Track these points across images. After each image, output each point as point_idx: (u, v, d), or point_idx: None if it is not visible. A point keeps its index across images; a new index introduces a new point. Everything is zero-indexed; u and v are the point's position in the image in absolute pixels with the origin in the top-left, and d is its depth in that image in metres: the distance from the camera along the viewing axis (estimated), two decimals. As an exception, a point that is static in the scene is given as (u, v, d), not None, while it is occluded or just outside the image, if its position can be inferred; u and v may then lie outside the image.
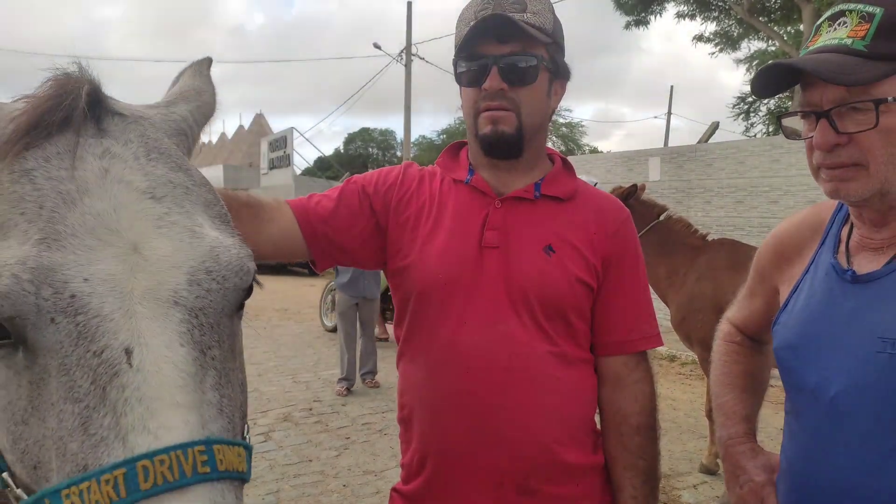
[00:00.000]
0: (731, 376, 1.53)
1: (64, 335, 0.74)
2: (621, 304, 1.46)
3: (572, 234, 1.43)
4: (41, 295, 0.74)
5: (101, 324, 0.74)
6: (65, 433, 0.72)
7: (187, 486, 0.69)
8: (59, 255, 0.76)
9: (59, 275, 0.75)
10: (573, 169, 1.55)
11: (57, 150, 0.83)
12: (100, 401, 0.71)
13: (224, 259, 0.85)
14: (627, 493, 1.43)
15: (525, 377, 1.36)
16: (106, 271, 0.77)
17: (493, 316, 1.38)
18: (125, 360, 0.73)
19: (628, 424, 1.44)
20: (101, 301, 0.75)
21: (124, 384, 0.72)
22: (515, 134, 1.39)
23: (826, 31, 1.15)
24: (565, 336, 1.41)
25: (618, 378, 1.46)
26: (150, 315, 0.76)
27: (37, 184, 0.80)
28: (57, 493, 0.69)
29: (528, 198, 1.45)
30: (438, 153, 1.64)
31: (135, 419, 0.70)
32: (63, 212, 0.78)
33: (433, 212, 1.48)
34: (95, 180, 0.81)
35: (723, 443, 1.45)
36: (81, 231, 0.78)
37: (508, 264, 1.40)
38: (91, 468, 0.69)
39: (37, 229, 0.77)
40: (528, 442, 1.35)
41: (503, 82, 1.36)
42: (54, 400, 0.73)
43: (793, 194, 8.59)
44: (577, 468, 1.40)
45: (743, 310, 1.58)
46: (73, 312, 0.74)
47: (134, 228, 0.80)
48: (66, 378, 0.73)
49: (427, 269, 1.42)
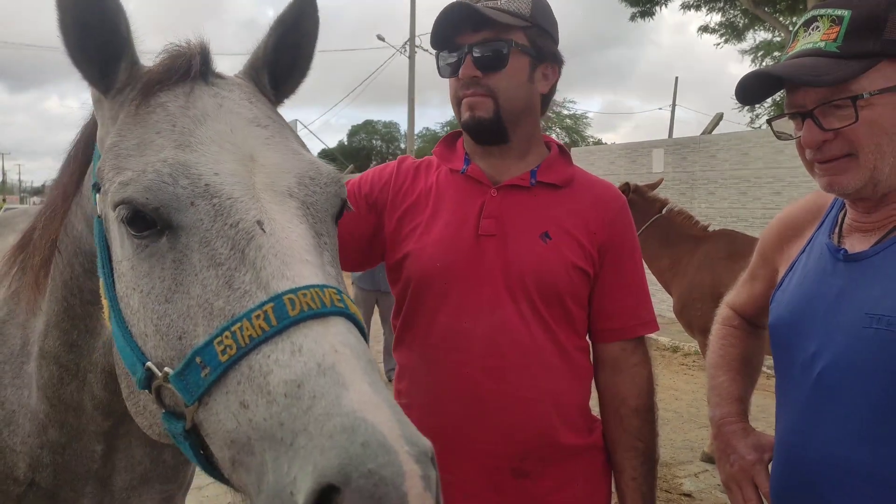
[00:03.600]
0: (727, 359, 1.57)
1: (203, 214, 0.87)
2: (619, 291, 1.49)
3: (569, 221, 1.46)
4: (179, 184, 0.88)
5: (234, 204, 0.87)
6: (210, 295, 0.83)
7: (327, 315, 0.80)
8: (192, 155, 0.91)
9: (193, 170, 0.89)
10: (570, 156, 1.58)
11: (182, 90, 1.00)
12: (240, 261, 0.83)
13: (324, 171, 1.02)
14: (627, 475, 1.46)
15: (522, 363, 1.40)
16: (231, 169, 0.91)
17: (490, 303, 1.42)
18: (259, 228, 0.86)
19: (627, 407, 1.47)
20: (232, 188, 0.89)
21: (260, 244, 0.84)
22: (493, 118, 1.42)
23: (802, 37, 1.23)
24: (563, 323, 1.44)
25: (616, 363, 1.49)
26: (271, 200, 0.90)
27: (169, 111, 0.97)
28: (208, 344, 0.79)
29: (524, 185, 1.48)
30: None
31: (273, 269, 0.82)
32: (191, 128, 0.95)
33: (430, 202, 1.51)
34: (213, 110, 0.98)
35: (715, 422, 1.49)
36: (208, 142, 0.93)
37: (505, 252, 1.43)
38: (239, 314, 0.79)
39: (170, 140, 0.93)
40: (523, 427, 1.39)
41: (476, 69, 1.40)
42: (198, 269, 0.85)
43: (796, 185, 8.58)
44: (572, 449, 1.44)
45: (742, 293, 1.62)
46: (209, 196, 0.88)
47: (248, 144, 0.96)
48: (207, 248, 0.85)
49: (424, 258, 1.46)
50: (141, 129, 0.95)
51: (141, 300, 0.89)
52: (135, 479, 1.54)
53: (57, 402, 1.36)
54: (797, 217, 1.44)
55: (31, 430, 1.40)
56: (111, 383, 1.30)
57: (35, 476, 1.42)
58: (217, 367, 0.77)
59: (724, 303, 1.70)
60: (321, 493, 0.65)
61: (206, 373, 0.78)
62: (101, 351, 1.28)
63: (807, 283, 1.29)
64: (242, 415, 0.74)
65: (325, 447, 0.66)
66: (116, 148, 0.96)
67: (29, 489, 1.43)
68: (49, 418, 1.38)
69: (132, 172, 0.90)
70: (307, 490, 0.65)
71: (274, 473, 0.71)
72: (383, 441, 0.66)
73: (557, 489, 1.43)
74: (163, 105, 0.97)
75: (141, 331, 0.89)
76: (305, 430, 0.68)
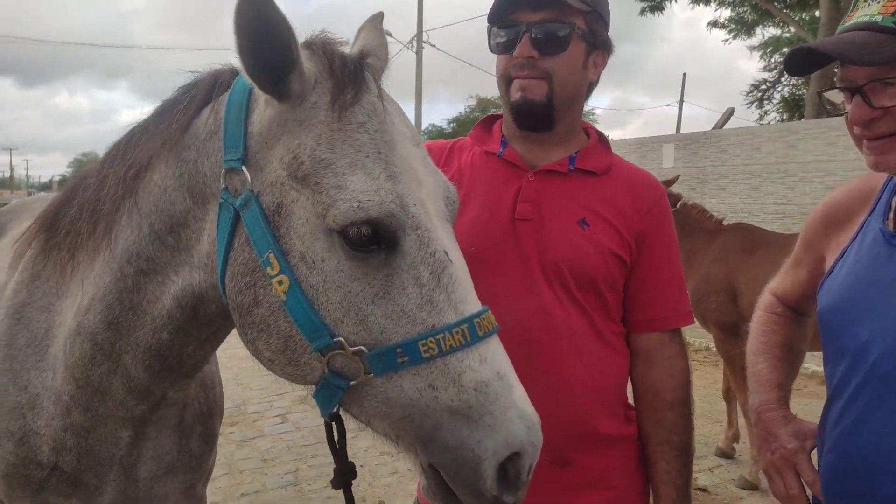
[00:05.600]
0: (768, 345, 1.53)
1: (412, 242, 1.05)
2: (655, 281, 1.46)
3: (606, 208, 1.43)
4: (401, 216, 1.04)
5: (430, 235, 1.06)
6: (413, 307, 1.03)
7: (494, 334, 1.06)
8: (399, 187, 1.06)
9: (404, 201, 1.05)
10: (608, 144, 1.54)
11: (369, 107, 1.11)
12: (436, 284, 1.04)
13: (452, 189, 1.20)
14: (661, 468, 1.43)
15: (559, 347, 1.37)
16: (419, 199, 1.08)
17: (526, 288, 1.39)
18: (447, 258, 1.06)
19: (662, 400, 1.44)
20: (425, 219, 1.07)
21: (451, 273, 1.06)
22: (546, 103, 1.39)
23: (862, 7, 1.17)
24: (598, 309, 1.41)
25: (651, 354, 1.46)
26: (441, 228, 1.10)
27: (370, 133, 1.09)
28: (413, 343, 1.01)
29: (562, 171, 1.45)
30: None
31: (460, 295, 1.05)
32: (390, 156, 1.08)
33: (464, 184, 1.48)
34: (393, 131, 1.12)
35: (755, 409, 1.46)
36: (402, 170, 1.08)
37: (541, 237, 1.40)
38: (439, 327, 1.01)
39: (380, 167, 1.06)
40: (561, 413, 1.36)
41: (534, 50, 1.36)
42: (405, 286, 1.04)
43: (809, 181, 8.51)
44: (609, 438, 1.41)
45: (786, 280, 1.58)
46: (415, 227, 1.06)
47: (417, 168, 1.12)
48: (414, 271, 1.04)
49: (459, 240, 1.43)
50: (351, 150, 1.07)
51: (345, 296, 1.04)
52: (160, 470, 1.52)
53: (84, 384, 1.34)
54: (843, 203, 1.40)
55: (55, 412, 1.39)
56: (155, 363, 1.30)
57: (58, 460, 1.41)
58: (416, 359, 1.00)
59: (766, 290, 1.67)
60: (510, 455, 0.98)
61: (403, 360, 1.01)
62: (148, 328, 1.27)
63: (859, 269, 1.25)
64: (428, 392, 1.00)
65: (510, 429, 0.98)
66: (332, 165, 1.06)
67: (52, 473, 1.41)
68: (74, 400, 1.37)
69: (367, 197, 1.03)
70: (500, 453, 0.98)
71: (452, 433, 0.99)
72: (535, 424, 1.01)
73: (595, 479, 1.41)
74: (363, 126, 1.09)
75: (336, 318, 1.04)
76: (491, 414, 0.98)
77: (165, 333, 1.26)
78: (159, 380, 1.33)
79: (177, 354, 1.30)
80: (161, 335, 1.27)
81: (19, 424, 1.41)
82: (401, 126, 1.14)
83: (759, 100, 24.77)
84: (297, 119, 1.10)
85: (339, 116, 1.08)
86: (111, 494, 1.46)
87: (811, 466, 1.33)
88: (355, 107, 1.09)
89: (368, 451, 4.90)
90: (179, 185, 1.22)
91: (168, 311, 1.25)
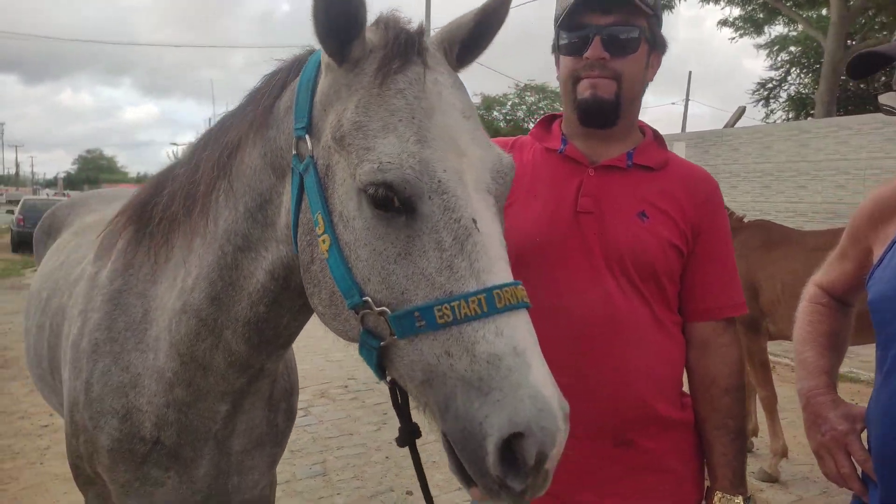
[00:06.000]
0: (814, 334, 1.60)
1: (436, 207, 1.05)
2: (711, 272, 1.53)
3: (664, 201, 1.51)
4: (423, 180, 1.05)
5: (457, 201, 1.05)
6: (433, 270, 1.03)
7: (519, 309, 1.03)
8: (429, 152, 1.06)
9: (431, 166, 1.06)
10: (664, 141, 1.62)
11: (414, 76, 1.13)
12: (459, 251, 1.03)
13: (505, 161, 1.18)
14: (718, 451, 1.50)
15: (622, 336, 1.45)
16: (453, 166, 1.08)
17: (591, 278, 1.46)
18: (475, 226, 1.05)
19: (717, 387, 1.51)
20: (455, 186, 1.06)
21: (476, 241, 1.04)
22: (614, 100, 1.47)
23: None
24: (658, 298, 1.49)
25: (706, 343, 1.53)
26: (478, 199, 1.08)
27: (407, 99, 1.11)
28: (429, 308, 1.01)
29: (621, 166, 1.53)
30: None
31: (484, 264, 1.03)
32: (426, 122, 1.09)
33: (525, 180, 1.55)
34: (436, 100, 1.13)
35: (804, 394, 1.52)
36: (437, 137, 1.09)
37: (603, 228, 1.48)
38: (456, 294, 1.01)
39: (411, 132, 1.07)
40: (625, 396, 1.44)
41: (605, 52, 1.44)
42: (426, 249, 1.04)
43: (821, 179, 8.58)
44: (667, 422, 1.49)
45: (832, 272, 1.65)
46: (441, 192, 1.05)
47: (461, 138, 1.12)
48: (435, 235, 1.04)
49: (523, 233, 1.50)
50: (385, 113, 1.10)
51: (371, 255, 1.08)
52: (250, 443, 1.61)
53: (188, 360, 1.44)
54: (892, 198, 1.48)
55: (157, 389, 1.48)
56: (253, 336, 1.39)
57: (160, 435, 1.50)
58: (432, 325, 1.01)
59: (810, 282, 1.74)
60: (511, 435, 0.93)
61: (421, 324, 1.02)
62: (246, 303, 1.36)
63: None
64: (445, 359, 1.00)
65: (518, 407, 0.93)
66: (364, 127, 1.10)
67: (154, 448, 1.51)
68: (177, 376, 1.46)
69: (388, 159, 1.05)
70: (503, 431, 0.94)
71: (464, 404, 0.98)
72: (551, 409, 0.95)
73: (655, 462, 1.48)
74: (402, 92, 1.11)
75: (364, 275, 1.09)
76: (500, 389, 0.95)
77: (262, 307, 1.35)
78: (258, 352, 1.42)
79: (273, 326, 1.38)
80: (258, 308, 1.35)
81: (122, 402, 1.50)
82: (450, 97, 1.16)
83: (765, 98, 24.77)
84: (347, 84, 1.16)
85: (381, 83, 1.12)
86: (205, 467, 1.55)
87: (862, 446, 1.39)
88: (398, 75, 1.13)
89: (393, 443, 5.00)
90: (265, 163, 1.31)
91: (263, 285, 1.33)
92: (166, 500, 1.55)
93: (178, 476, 1.54)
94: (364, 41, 1.16)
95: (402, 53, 1.14)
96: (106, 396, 1.51)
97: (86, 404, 1.53)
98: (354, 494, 4.19)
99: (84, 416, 1.54)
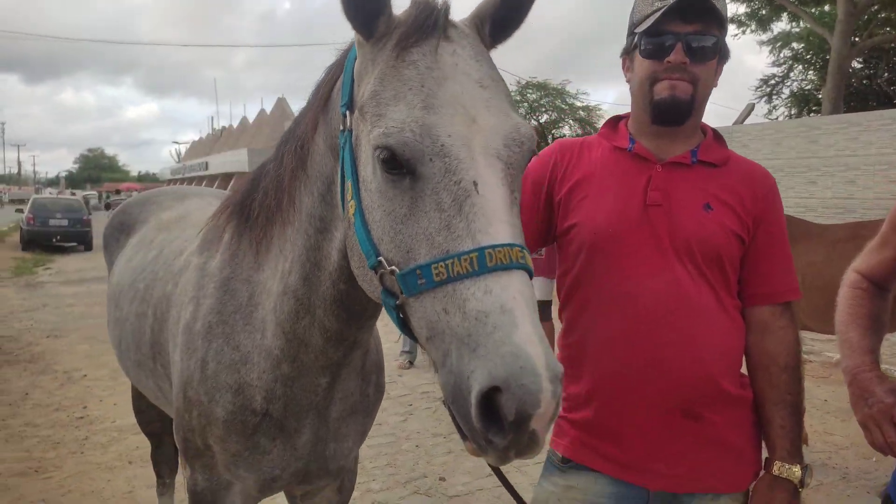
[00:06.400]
0: (856, 317, 1.73)
1: (437, 169, 1.09)
2: (770, 259, 1.65)
3: (726, 194, 1.63)
4: (424, 143, 1.10)
5: (459, 164, 1.09)
6: (433, 230, 1.08)
7: (512, 269, 1.04)
8: (434, 117, 1.11)
9: (434, 131, 1.10)
10: (724, 140, 1.75)
11: (428, 48, 1.19)
12: (457, 211, 1.07)
13: (523, 131, 1.20)
14: (776, 424, 1.62)
15: (689, 317, 1.57)
16: (459, 132, 1.11)
17: (660, 265, 1.59)
18: (474, 189, 1.08)
19: (776, 365, 1.63)
20: (458, 150, 1.10)
21: (474, 202, 1.07)
22: (689, 101, 1.60)
23: None
24: (721, 283, 1.61)
25: (765, 325, 1.65)
26: (484, 163, 1.11)
27: (419, 70, 1.16)
28: (428, 266, 1.06)
29: (686, 163, 1.66)
30: None
31: (480, 225, 1.06)
32: (435, 90, 1.14)
33: (596, 176, 1.69)
34: (451, 70, 1.17)
35: (849, 371, 1.63)
36: (445, 104, 1.13)
37: (671, 219, 1.60)
38: (451, 252, 1.05)
39: (419, 100, 1.13)
40: (693, 372, 1.56)
41: (686, 57, 1.57)
42: (427, 209, 1.09)
43: (831, 174, 8.68)
44: (732, 398, 1.61)
45: (872, 259, 1.78)
46: (443, 155, 1.09)
47: (473, 105, 1.15)
48: (436, 196, 1.09)
49: (596, 225, 1.63)
50: (398, 83, 1.16)
51: (383, 216, 1.15)
52: (345, 410, 1.75)
53: (292, 337, 1.56)
54: None
55: (266, 366, 1.61)
56: (342, 313, 1.51)
57: (269, 407, 1.63)
58: (430, 282, 1.06)
59: (850, 269, 1.85)
60: (490, 389, 0.96)
61: (422, 282, 1.07)
62: (329, 283, 1.48)
63: None
64: (443, 316, 1.05)
65: (497, 363, 0.96)
66: (378, 95, 1.17)
67: (263, 419, 1.64)
68: (283, 353, 1.59)
69: (393, 124, 1.11)
70: (482, 384, 0.96)
71: (457, 359, 1.01)
72: (534, 367, 0.95)
73: (719, 433, 1.60)
74: (414, 63, 1.17)
75: (378, 236, 1.16)
76: (485, 345, 0.98)
77: (342, 284, 1.44)
78: (348, 326, 1.54)
79: (358, 301, 1.46)
80: (339, 286, 1.46)
81: (235, 378, 1.64)
82: (466, 68, 1.19)
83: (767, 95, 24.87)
84: (373, 59, 1.23)
85: (397, 55, 1.18)
86: (307, 435, 1.69)
87: None
88: (413, 48, 1.17)
89: (421, 433, 5.14)
90: (326, 147, 1.43)
91: (338, 264, 1.42)
92: (272, 466, 1.69)
93: (283, 444, 1.67)
94: (390, 17, 1.23)
95: (419, 28, 1.19)
96: (220, 373, 1.64)
97: (201, 381, 1.67)
98: (389, 480, 4.33)
99: (199, 391, 1.68)
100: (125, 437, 4.99)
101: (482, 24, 1.31)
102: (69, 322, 9.35)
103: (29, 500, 3.98)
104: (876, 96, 20.84)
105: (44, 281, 13.88)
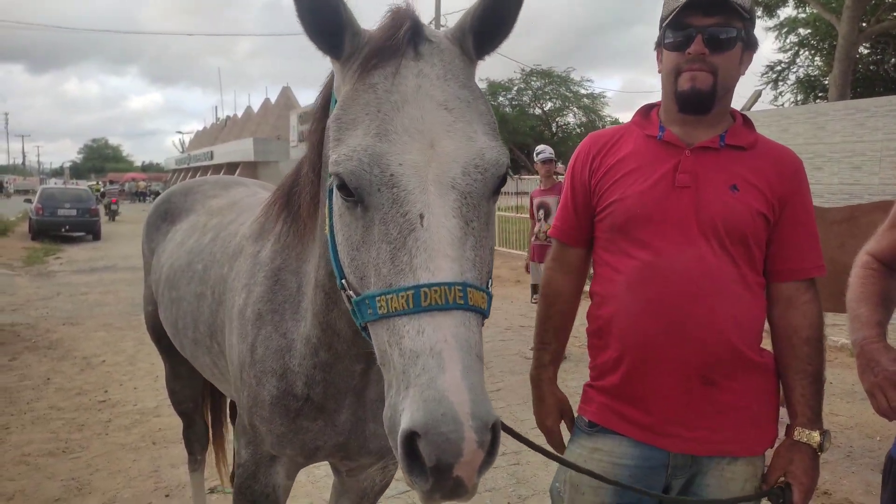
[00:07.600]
0: (866, 294, 1.82)
1: (385, 199, 1.08)
2: (796, 237, 1.74)
3: (753, 176, 1.72)
4: (373, 173, 1.08)
5: (407, 196, 1.07)
6: (381, 261, 1.08)
7: (448, 310, 1.02)
8: (386, 146, 1.09)
9: (384, 160, 1.08)
10: (752, 124, 1.84)
11: (391, 70, 1.15)
12: (402, 244, 1.05)
13: (488, 156, 1.15)
14: (798, 392, 1.72)
15: (712, 290, 1.67)
16: (412, 160, 1.09)
17: (686, 242, 1.68)
18: (419, 222, 1.06)
19: (799, 337, 1.72)
20: (408, 180, 1.08)
21: (417, 237, 1.05)
22: (710, 91, 1.68)
23: None
24: (745, 260, 1.71)
25: (790, 300, 1.74)
26: (436, 193, 1.08)
27: (377, 93, 1.14)
28: (374, 297, 1.07)
29: (714, 147, 1.74)
30: None
31: (421, 261, 1.04)
32: (391, 115, 1.11)
33: (629, 162, 1.79)
34: (412, 94, 1.14)
35: (858, 343, 1.72)
36: (401, 130, 1.10)
37: (699, 200, 1.70)
38: (394, 286, 1.04)
39: (374, 126, 1.11)
40: (713, 340, 1.66)
41: (705, 48, 1.65)
42: (376, 239, 1.09)
43: (837, 161, 8.73)
44: (751, 365, 1.70)
45: (882, 241, 1.86)
46: (391, 185, 1.08)
47: (433, 131, 1.11)
48: (384, 227, 1.08)
49: (629, 205, 1.73)
50: (356, 107, 1.14)
51: (343, 240, 1.18)
52: (382, 392, 1.84)
53: (326, 327, 1.63)
54: None
55: (306, 353, 1.70)
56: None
57: (310, 392, 1.72)
58: (375, 313, 1.07)
59: (862, 252, 1.94)
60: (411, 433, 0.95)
61: (370, 311, 1.09)
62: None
63: None
64: (388, 348, 1.06)
65: (419, 407, 0.94)
66: (339, 120, 1.17)
67: (304, 403, 1.73)
68: (320, 341, 1.66)
69: (345, 152, 1.10)
70: (405, 427, 0.95)
71: (395, 393, 1.02)
72: (455, 416, 0.92)
73: (738, 399, 1.70)
74: (374, 87, 1.15)
75: (342, 258, 1.19)
76: (414, 386, 0.97)
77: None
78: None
79: None
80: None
81: (280, 364, 1.72)
82: (431, 90, 1.14)
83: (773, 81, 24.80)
84: (343, 79, 1.22)
85: (359, 77, 1.16)
86: (346, 415, 1.77)
87: None
88: (375, 70, 1.15)
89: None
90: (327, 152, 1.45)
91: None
92: (314, 439, 1.79)
93: (324, 423, 1.76)
94: (356, 36, 1.21)
95: (381, 49, 1.16)
96: (267, 358, 1.73)
97: (251, 364, 1.76)
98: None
99: (250, 374, 1.77)
100: (147, 419, 5.14)
101: (465, 38, 1.27)
102: (84, 310, 9.49)
103: (59, 479, 4.12)
104: (883, 82, 20.79)
105: (55, 270, 14.03)
